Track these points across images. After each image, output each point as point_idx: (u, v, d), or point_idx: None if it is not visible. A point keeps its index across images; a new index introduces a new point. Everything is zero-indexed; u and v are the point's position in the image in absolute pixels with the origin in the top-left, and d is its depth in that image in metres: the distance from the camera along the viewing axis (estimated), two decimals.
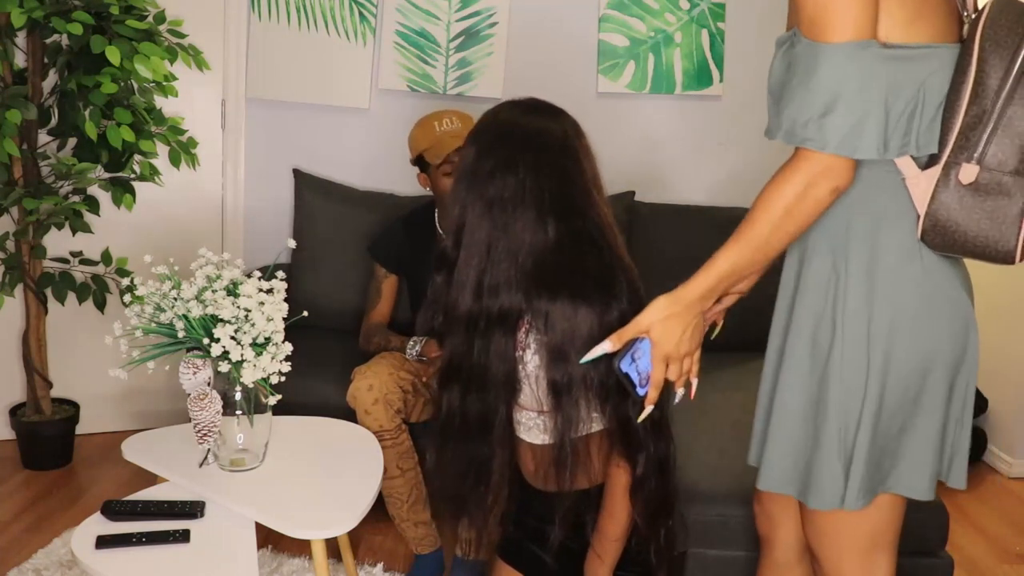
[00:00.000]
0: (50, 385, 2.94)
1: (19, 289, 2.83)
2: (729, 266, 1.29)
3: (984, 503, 3.03)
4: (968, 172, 1.20)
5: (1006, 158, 1.18)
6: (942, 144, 1.22)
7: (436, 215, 2.64)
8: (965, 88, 1.20)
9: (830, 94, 1.17)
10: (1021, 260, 1.23)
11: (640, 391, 1.36)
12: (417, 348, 2.48)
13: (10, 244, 2.79)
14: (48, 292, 2.83)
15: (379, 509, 2.27)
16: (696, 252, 1.53)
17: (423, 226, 2.64)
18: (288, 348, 1.77)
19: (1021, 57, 1.16)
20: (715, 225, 1.70)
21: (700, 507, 2.06)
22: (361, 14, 3.14)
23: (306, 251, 3.02)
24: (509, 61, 3.19)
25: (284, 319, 1.77)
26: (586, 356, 1.37)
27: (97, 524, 1.66)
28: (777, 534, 1.59)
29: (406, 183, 3.08)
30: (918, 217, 1.25)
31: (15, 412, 2.96)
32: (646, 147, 3.26)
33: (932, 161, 1.24)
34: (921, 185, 1.23)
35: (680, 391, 1.40)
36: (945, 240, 1.24)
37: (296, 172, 3.15)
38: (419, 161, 2.54)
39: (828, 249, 1.31)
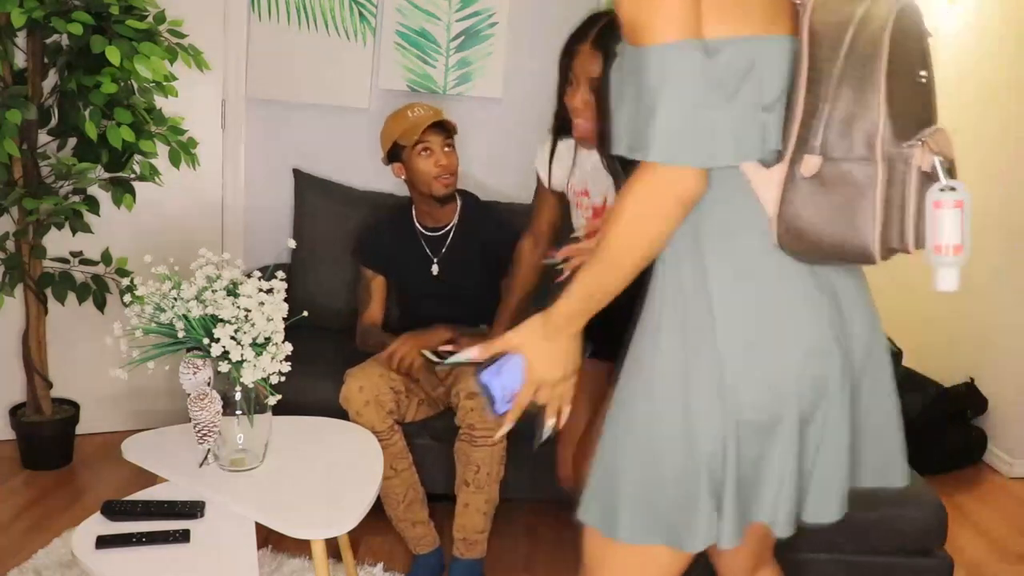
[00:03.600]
0: (50, 385, 2.94)
1: (19, 289, 2.83)
2: (586, 288, 1.18)
3: (984, 503, 3.03)
4: (810, 164, 1.09)
5: (850, 144, 1.07)
6: (786, 138, 1.12)
7: (414, 212, 2.63)
8: (801, 76, 1.11)
9: (655, 99, 1.07)
10: (884, 259, 1.11)
11: (500, 407, 1.27)
12: None
13: (10, 244, 2.79)
14: (48, 292, 2.83)
15: (379, 509, 2.28)
16: None
17: (403, 226, 2.64)
18: (288, 348, 1.77)
19: (849, 35, 1.08)
20: None
21: None
22: (361, 14, 3.14)
23: (306, 251, 3.02)
24: (509, 61, 3.19)
25: (284, 319, 1.77)
26: (451, 359, 1.30)
27: (97, 524, 1.66)
28: (723, 561, 1.50)
29: (403, 182, 3.08)
30: (771, 221, 1.14)
31: (15, 412, 2.96)
32: None
33: (779, 159, 1.13)
34: (769, 186, 1.14)
35: (550, 422, 1.29)
36: (802, 244, 1.12)
37: (296, 172, 3.15)
38: (392, 152, 2.53)
39: (675, 261, 1.20)
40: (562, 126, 2.02)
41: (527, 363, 1.24)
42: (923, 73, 1.10)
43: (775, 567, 1.52)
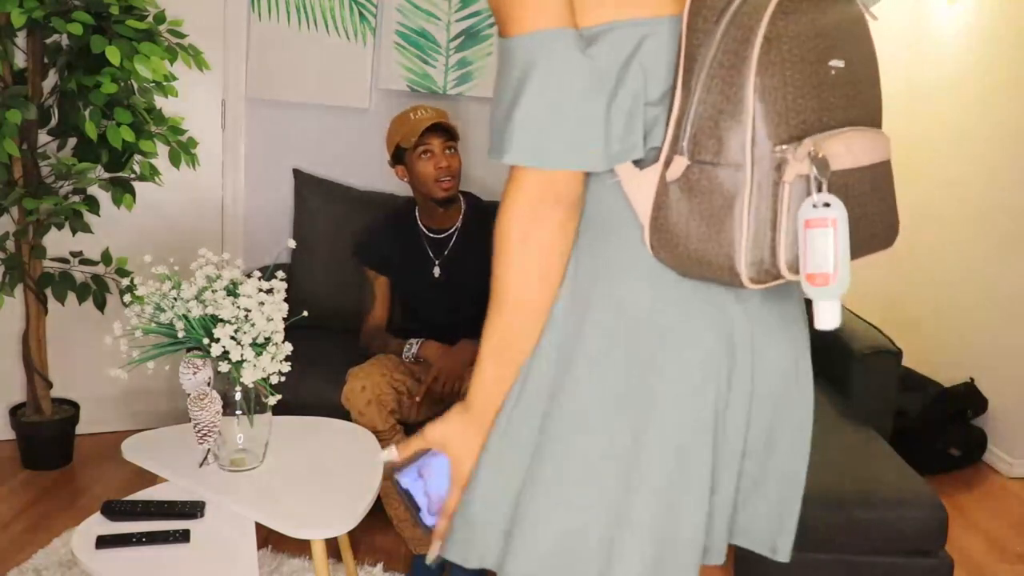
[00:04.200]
0: (50, 385, 2.94)
1: (19, 289, 2.83)
2: (494, 345, 0.99)
3: (984, 503, 3.03)
4: (675, 167, 0.93)
5: (718, 146, 0.90)
6: (664, 135, 0.95)
7: (418, 213, 2.63)
8: (680, 64, 0.94)
9: (518, 93, 0.93)
10: (756, 282, 0.92)
11: (427, 519, 1.05)
12: (414, 350, 2.48)
13: (10, 244, 2.79)
14: (48, 292, 2.83)
15: (379, 509, 2.27)
16: None
17: (406, 225, 2.64)
18: (288, 348, 1.77)
19: (730, 13, 0.91)
20: None
21: None
22: (361, 14, 3.14)
23: (306, 251, 3.02)
24: None
25: (284, 319, 1.77)
26: (376, 459, 1.13)
27: (97, 524, 1.66)
28: None
29: (406, 184, 3.09)
30: (643, 229, 0.97)
31: (15, 412, 2.96)
32: None
33: (656, 159, 0.97)
34: (643, 188, 0.97)
35: None
36: (674, 256, 0.95)
37: (296, 172, 3.15)
38: (396, 154, 2.54)
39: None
40: None
41: (452, 461, 1.03)
42: (835, 63, 0.92)
43: None
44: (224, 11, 3.11)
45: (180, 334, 1.72)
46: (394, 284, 2.68)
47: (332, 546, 2.03)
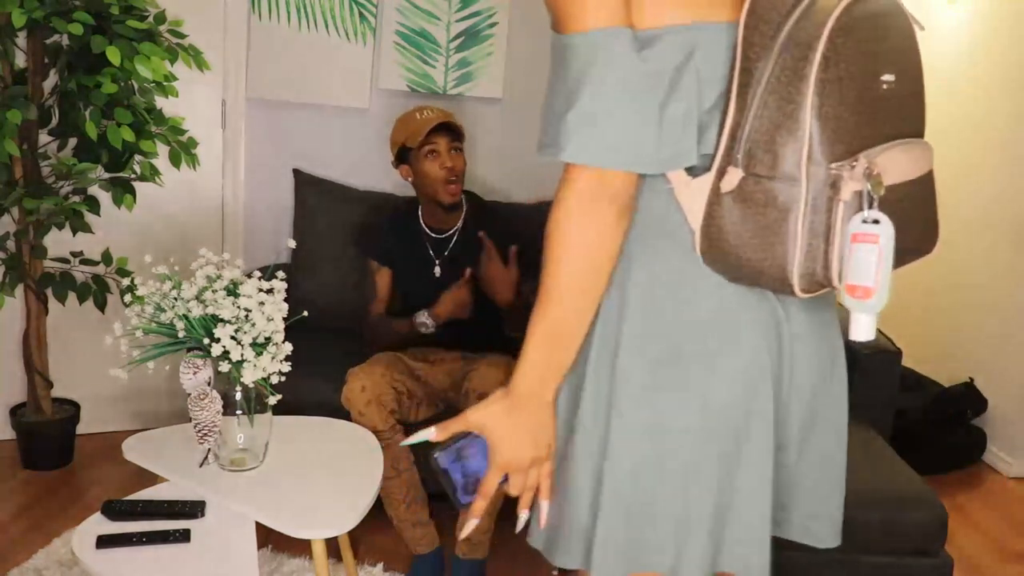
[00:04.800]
0: (50, 385, 2.94)
1: (19, 289, 2.83)
2: (540, 335, 1.00)
3: (984, 503, 3.04)
4: (730, 178, 0.95)
5: (774, 160, 0.92)
6: (717, 145, 0.97)
7: (420, 212, 2.63)
8: (734, 74, 0.95)
9: (575, 91, 0.94)
10: (806, 292, 0.95)
11: (463, 498, 1.08)
12: (427, 320, 2.46)
13: (10, 244, 2.79)
14: (48, 292, 2.83)
15: (379, 509, 2.27)
16: None
17: (408, 224, 2.64)
18: (288, 348, 1.77)
19: (788, 26, 0.91)
20: None
21: None
22: (361, 14, 3.14)
23: (306, 251, 3.02)
24: (509, 61, 3.19)
25: (284, 319, 1.77)
26: (408, 440, 1.11)
27: (97, 524, 1.66)
28: None
29: (406, 184, 3.09)
30: (694, 235, 1.00)
31: (15, 412, 2.96)
32: None
33: (708, 168, 0.99)
34: (695, 196, 0.99)
35: (524, 515, 1.10)
36: (725, 264, 0.98)
37: (296, 172, 3.15)
38: (400, 154, 2.54)
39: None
40: None
41: (491, 444, 1.05)
42: (887, 77, 0.93)
43: None
44: (224, 11, 3.11)
45: (180, 334, 1.72)
46: (398, 279, 2.68)
47: (332, 546, 2.03)
